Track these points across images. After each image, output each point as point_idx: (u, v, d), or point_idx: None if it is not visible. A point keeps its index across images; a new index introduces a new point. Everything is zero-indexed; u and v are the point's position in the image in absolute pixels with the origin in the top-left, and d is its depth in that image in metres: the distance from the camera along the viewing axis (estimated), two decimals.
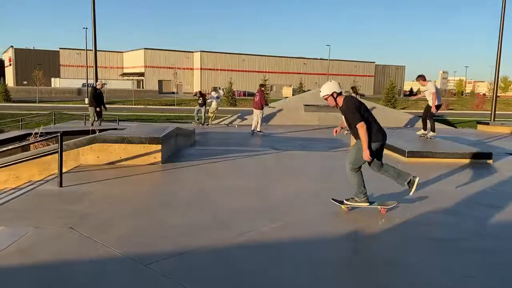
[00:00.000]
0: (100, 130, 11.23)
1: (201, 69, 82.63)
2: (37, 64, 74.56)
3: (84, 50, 58.47)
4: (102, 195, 5.52)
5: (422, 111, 11.25)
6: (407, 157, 8.40)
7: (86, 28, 52.17)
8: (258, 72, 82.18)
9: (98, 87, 15.50)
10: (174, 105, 49.02)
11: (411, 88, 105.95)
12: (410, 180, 4.94)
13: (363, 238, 4.33)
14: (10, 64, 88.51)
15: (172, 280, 3.15)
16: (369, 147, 4.68)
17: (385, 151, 5.54)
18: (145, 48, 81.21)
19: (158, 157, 7.55)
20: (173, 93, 62.37)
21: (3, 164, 7.03)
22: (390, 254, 3.86)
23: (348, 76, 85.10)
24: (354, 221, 4.75)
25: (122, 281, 3.18)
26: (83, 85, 61.74)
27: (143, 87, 76.90)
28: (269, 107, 17.22)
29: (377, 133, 4.81)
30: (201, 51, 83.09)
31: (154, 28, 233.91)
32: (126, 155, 7.38)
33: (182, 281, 3.13)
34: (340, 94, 4.85)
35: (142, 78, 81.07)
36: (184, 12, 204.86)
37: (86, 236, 4.00)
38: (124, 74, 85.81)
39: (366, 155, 4.65)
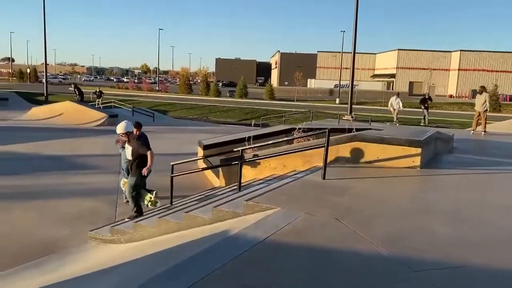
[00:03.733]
0: (356, 130, 11.58)
1: (459, 69, 75.62)
2: (297, 66, 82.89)
3: (340, 52, 61.68)
4: (362, 192, 5.66)
5: None
6: None
7: (344, 31, 54.89)
8: None
9: None
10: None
11: None
12: None
13: None
14: (276, 67, 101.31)
15: None
16: None
17: None
18: (398, 49, 79.77)
19: (416, 161, 7.25)
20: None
21: (276, 153, 8.07)
22: None
23: None
24: None
25: (388, 282, 3.16)
26: (335, 86, 65.33)
27: (392, 89, 75.81)
28: None
29: None
30: (460, 50, 75.94)
31: (406, 27, 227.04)
32: (384, 156, 7.37)
33: None
34: None
35: (392, 79, 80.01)
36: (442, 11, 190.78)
37: (350, 229, 4.17)
38: (375, 76, 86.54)
39: None
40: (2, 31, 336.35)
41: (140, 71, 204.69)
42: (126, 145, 7.44)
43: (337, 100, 52.78)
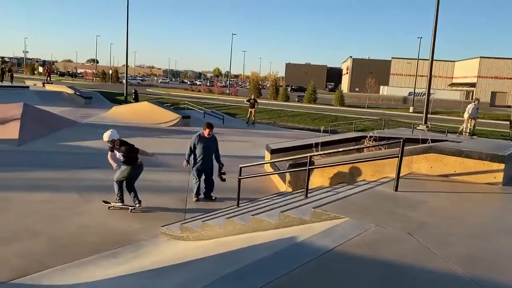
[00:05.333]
0: (432, 140, 11.02)
1: None
2: (369, 72, 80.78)
3: (415, 59, 59.19)
4: (438, 207, 5.37)
5: None
6: None
7: (421, 38, 52.59)
8: None
9: None
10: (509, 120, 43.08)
11: None
12: None
13: None
14: (347, 73, 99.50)
15: None
16: None
17: None
18: (480, 57, 74.81)
19: (499, 177, 6.73)
20: (509, 106, 54.93)
21: (345, 161, 7.92)
22: None
23: None
24: None
25: None
26: (409, 93, 62.73)
27: (471, 99, 71.24)
28: None
29: None
30: None
31: (489, 34, 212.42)
32: (462, 170, 6.93)
33: None
34: None
35: (472, 89, 75.19)
36: None
37: (424, 245, 3.96)
38: (453, 84, 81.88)
39: None
40: (90, 34, 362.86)
41: (212, 74, 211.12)
42: (115, 151, 8.13)
43: (411, 109, 50.61)
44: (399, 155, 6.05)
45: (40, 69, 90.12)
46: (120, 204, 8.12)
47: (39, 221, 7.14)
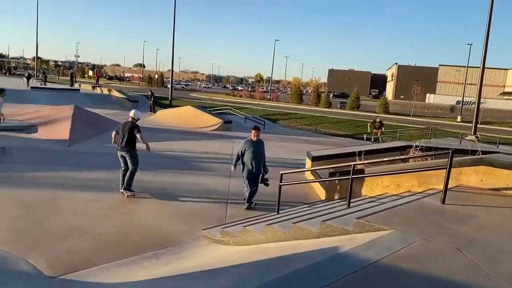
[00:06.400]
0: (482, 152, 10.55)
1: None
2: (415, 79, 78.62)
3: (464, 66, 57.04)
4: (489, 222, 5.12)
5: None
6: None
7: (471, 45, 50.66)
8: None
9: None
10: None
11: None
12: None
13: None
14: (392, 79, 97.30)
15: None
16: None
17: None
18: None
19: None
20: None
21: (390, 171, 7.72)
22: None
23: None
24: None
25: None
26: (457, 102, 60.52)
27: None
28: None
29: None
30: None
31: None
32: None
33: None
34: None
35: None
36: None
37: (474, 262, 3.78)
38: (505, 93, 78.17)
39: None
40: (137, 39, 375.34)
41: (254, 80, 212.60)
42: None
43: (459, 118, 48.75)
44: (448, 166, 5.83)
45: (90, 73, 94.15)
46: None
47: (87, 219, 7.42)
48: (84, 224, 7.18)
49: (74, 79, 43.60)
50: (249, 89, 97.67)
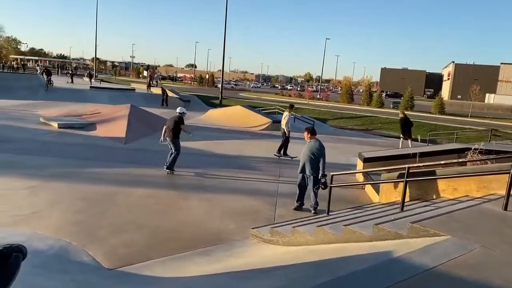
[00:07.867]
0: None
1: None
2: (474, 79, 74.92)
3: None
4: None
5: None
6: None
7: None
8: None
9: None
10: None
11: None
12: None
13: None
14: (448, 79, 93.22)
15: None
16: None
17: None
18: None
19: None
20: None
21: (447, 175, 7.42)
22: None
23: None
24: None
25: None
26: None
27: None
28: None
29: None
30: None
31: None
32: None
33: None
34: None
35: None
36: None
37: None
38: None
39: None
40: (189, 40, 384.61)
41: (303, 79, 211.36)
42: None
43: None
44: (511, 170, 5.51)
45: (145, 73, 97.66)
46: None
47: (143, 215, 7.73)
48: (140, 219, 7.48)
49: (152, 81, 43.48)
50: (298, 89, 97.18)
